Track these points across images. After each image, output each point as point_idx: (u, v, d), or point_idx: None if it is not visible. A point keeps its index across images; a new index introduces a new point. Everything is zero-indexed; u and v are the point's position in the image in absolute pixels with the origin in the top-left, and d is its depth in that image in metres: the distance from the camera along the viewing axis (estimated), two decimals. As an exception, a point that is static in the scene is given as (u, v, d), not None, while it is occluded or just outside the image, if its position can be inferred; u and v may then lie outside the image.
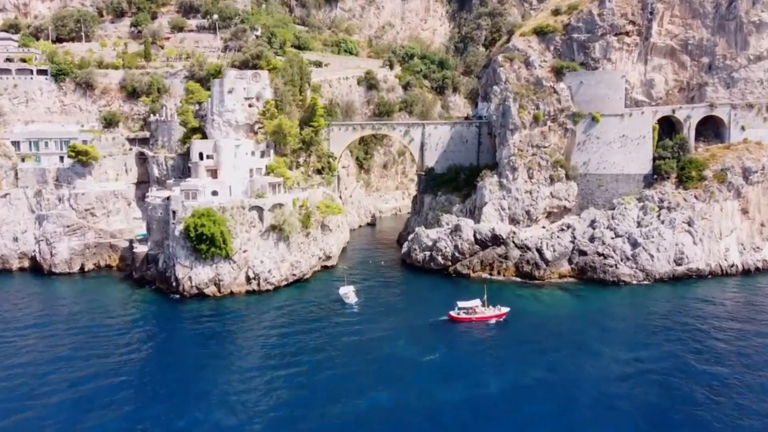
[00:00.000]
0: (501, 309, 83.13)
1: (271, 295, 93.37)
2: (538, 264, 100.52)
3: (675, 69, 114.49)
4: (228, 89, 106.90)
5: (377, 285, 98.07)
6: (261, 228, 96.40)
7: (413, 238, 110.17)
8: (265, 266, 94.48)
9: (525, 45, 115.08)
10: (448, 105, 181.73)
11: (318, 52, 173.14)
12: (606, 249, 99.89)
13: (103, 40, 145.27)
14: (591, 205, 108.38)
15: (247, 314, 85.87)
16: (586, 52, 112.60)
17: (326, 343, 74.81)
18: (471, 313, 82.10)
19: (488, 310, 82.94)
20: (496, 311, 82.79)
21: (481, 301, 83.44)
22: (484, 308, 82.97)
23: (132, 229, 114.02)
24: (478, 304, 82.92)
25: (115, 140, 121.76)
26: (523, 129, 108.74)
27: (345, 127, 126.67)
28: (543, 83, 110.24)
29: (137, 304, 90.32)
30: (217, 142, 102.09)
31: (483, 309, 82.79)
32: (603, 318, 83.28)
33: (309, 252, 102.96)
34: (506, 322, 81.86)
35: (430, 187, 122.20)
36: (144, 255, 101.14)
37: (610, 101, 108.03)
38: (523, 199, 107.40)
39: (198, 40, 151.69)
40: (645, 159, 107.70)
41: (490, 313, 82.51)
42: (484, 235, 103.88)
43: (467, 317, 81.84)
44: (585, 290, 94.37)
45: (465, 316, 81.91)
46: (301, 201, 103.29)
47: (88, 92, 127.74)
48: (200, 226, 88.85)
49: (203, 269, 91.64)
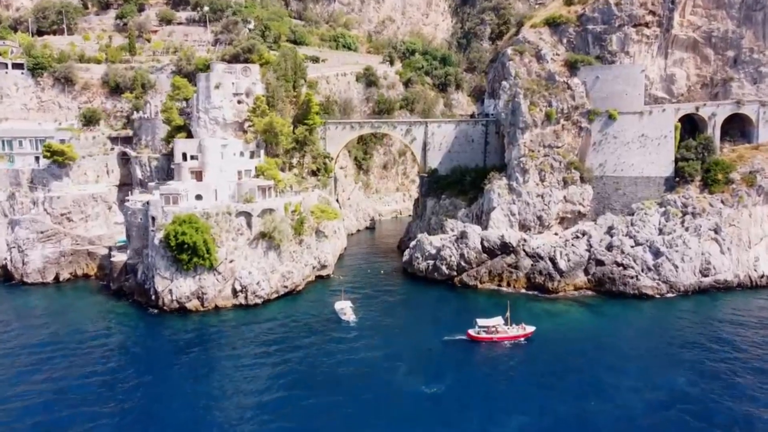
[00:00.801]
0: (525, 328, 74.82)
1: (259, 310, 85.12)
2: (551, 275, 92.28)
3: (697, 63, 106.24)
4: (215, 84, 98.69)
5: (376, 298, 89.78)
6: (249, 236, 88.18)
7: (415, 246, 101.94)
8: (254, 278, 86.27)
9: (536, 37, 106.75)
10: (451, 103, 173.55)
11: (315, 47, 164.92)
12: (625, 259, 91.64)
13: (87, 33, 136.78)
14: (608, 211, 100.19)
15: (232, 333, 77.59)
16: (602, 44, 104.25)
17: (317, 370, 66.47)
18: (492, 332, 73.80)
19: (511, 329, 74.65)
20: (520, 330, 74.49)
21: (503, 318, 75.13)
22: (506, 327, 74.64)
23: (113, 235, 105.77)
24: (500, 322, 74.58)
25: (95, 139, 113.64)
26: (534, 128, 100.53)
27: (342, 126, 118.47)
28: (555, 78, 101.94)
29: (111, 320, 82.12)
30: (202, 142, 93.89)
31: (506, 328, 74.47)
32: (628, 340, 74.60)
33: (302, 261, 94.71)
34: (530, 343, 73.55)
35: (433, 189, 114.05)
36: (122, 264, 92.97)
37: (629, 98, 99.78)
38: (535, 204, 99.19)
39: (187, 34, 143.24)
40: (666, 160, 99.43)
41: (513, 332, 74.24)
42: (493, 243, 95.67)
43: (488, 337, 73.56)
44: (604, 305, 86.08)
45: (485, 336, 73.63)
46: (294, 205, 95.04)
47: (67, 88, 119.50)
48: (181, 234, 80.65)
49: (185, 281, 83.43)
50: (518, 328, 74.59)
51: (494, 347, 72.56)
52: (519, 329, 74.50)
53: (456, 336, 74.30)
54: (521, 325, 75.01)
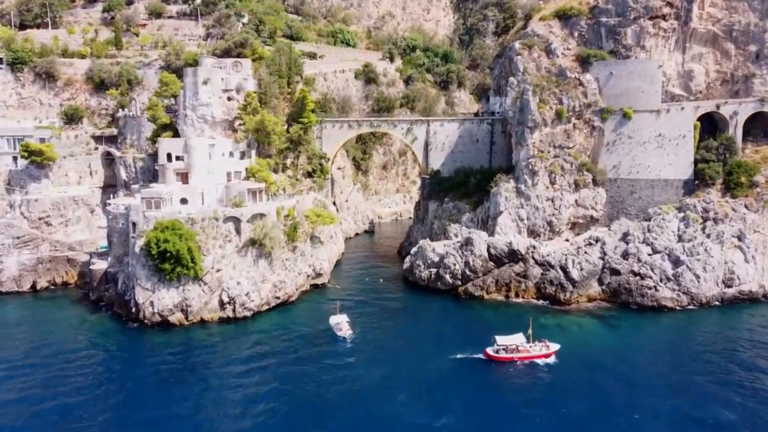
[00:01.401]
0: (549, 346, 68.31)
1: (248, 324, 78.74)
2: (563, 285, 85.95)
3: (717, 58, 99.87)
4: (203, 80, 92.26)
5: (375, 310, 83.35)
6: (238, 243, 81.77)
7: (417, 253, 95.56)
8: (242, 288, 79.86)
9: (545, 30, 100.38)
10: (453, 101, 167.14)
11: (312, 43, 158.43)
12: (643, 268, 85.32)
13: (72, 27, 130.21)
14: (622, 215, 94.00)
15: (218, 350, 71.24)
16: (616, 38, 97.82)
17: (308, 395, 60.11)
18: (513, 351, 67.33)
19: (534, 347, 68.11)
20: (543, 349, 67.97)
21: (524, 335, 68.65)
22: (529, 345, 68.12)
23: (95, 240, 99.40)
24: (521, 340, 68.06)
25: (77, 138, 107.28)
26: (543, 127, 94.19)
27: (340, 125, 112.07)
28: (566, 74, 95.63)
29: (86, 334, 75.82)
30: (188, 141, 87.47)
31: (528, 346, 67.96)
32: (655, 361, 67.85)
33: (295, 270, 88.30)
34: (553, 363, 66.97)
35: (436, 192, 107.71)
36: (103, 273, 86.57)
37: (645, 95, 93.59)
38: (544, 208, 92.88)
39: (178, 28, 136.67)
40: (685, 162, 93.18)
41: (536, 351, 67.74)
42: (500, 250, 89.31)
43: (508, 357, 67.08)
44: (621, 318, 79.72)
45: (505, 356, 67.13)
46: (287, 210, 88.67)
47: (49, 84, 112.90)
48: (163, 241, 74.28)
49: (167, 293, 77.01)
50: (541, 346, 68.12)
51: (513, 369, 65.88)
52: (542, 347, 68.02)
53: (466, 354, 67.76)
54: (544, 343, 68.54)
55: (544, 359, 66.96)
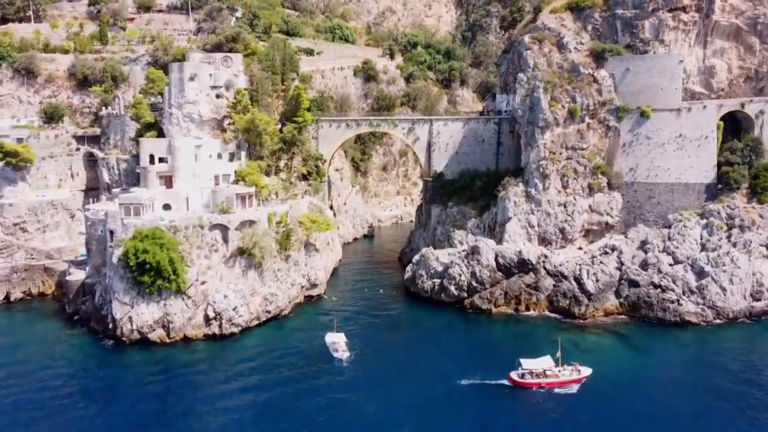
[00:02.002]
0: (580, 370, 61.84)
1: (236, 341, 72.29)
2: (577, 298, 79.52)
3: (741, 54, 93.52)
4: (189, 75, 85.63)
5: (375, 326, 76.86)
6: (225, 252, 75.28)
7: (419, 261, 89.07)
8: (230, 302, 73.34)
9: (557, 23, 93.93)
10: (455, 100, 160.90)
11: (309, 39, 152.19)
12: (664, 279, 78.92)
13: (55, 21, 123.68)
14: (639, 222, 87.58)
15: (202, 371, 64.84)
16: (632, 32, 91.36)
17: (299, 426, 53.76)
18: (540, 376, 60.92)
19: (563, 371, 61.65)
20: (573, 374, 61.53)
21: (552, 358, 62.22)
22: (558, 369, 61.68)
23: (75, 247, 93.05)
24: (550, 364, 61.63)
25: (57, 138, 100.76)
26: (555, 126, 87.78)
27: (337, 124, 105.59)
28: (580, 70, 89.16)
29: (59, 352, 69.46)
30: (171, 142, 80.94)
31: (557, 370, 61.53)
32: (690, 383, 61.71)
33: (288, 281, 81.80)
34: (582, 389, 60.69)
35: (439, 195, 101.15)
36: (80, 284, 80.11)
37: (664, 93, 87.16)
38: (556, 214, 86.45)
39: (168, 22, 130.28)
40: (707, 165, 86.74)
41: (566, 376, 61.30)
42: (509, 260, 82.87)
43: (535, 382, 60.69)
44: (644, 335, 73.22)
45: (532, 381, 60.75)
46: (279, 216, 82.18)
47: (28, 80, 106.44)
48: (142, 251, 67.79)
49: (147, 307, 70.49)
50: (571, 370, 61.63)
51: (541, 396, 59.42)
52: (572, 371, 61.54)
53: (477, 379, 61.22)
54: (574, 366, 62.02)
55: (575, 384, 60.54)
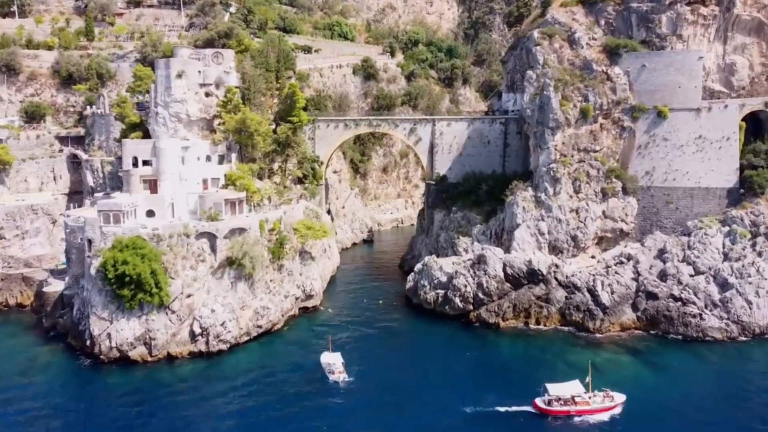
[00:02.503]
0: (613, 397, 56.31)
1: (224, 359, 66.92)
2: (591, 311, 74.12)
3: (763, 50, 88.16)
4: (177, 72, 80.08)
5: (374, 341, 71.49)
6: (213, 263, 69.90)
7: (422, 271, 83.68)
8: (217, 317, 67.88)
9: (568, 17, 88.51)
10: (458, 99, 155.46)
11: (307, 36, 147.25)
12: (684, 291, 73.57)
13: (40, 16, 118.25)
14: (656, 229, 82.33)
15: (186, 392, 59.64)
16: (648, 26, 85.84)
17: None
18: (569, 403, 55.48)
19: (594, 397, 56.16)
20: (606, 401, 56.02)
21: (582, 383, 56.81)
22: (588, 395, 56.21)
23: (56, 255, 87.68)
24: (579, 389, 56.21)
25: (39, 139, 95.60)
26: (566, 127, 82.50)
27: (335, 124, 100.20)
28: (592, 67, 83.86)
29: (32, 370, 64.17)
30: (156, 143, 75.50)
31: (587, 397, 56.05)
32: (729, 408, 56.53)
33: (281, 292, 76.40)
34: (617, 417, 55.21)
35: (442, 200, 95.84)
36: (58, 295, 74.73)
37: (683, 91, 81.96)
38: (568, 221, 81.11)
39: (159, 17, 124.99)
40: (729, 168, 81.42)
41: (597, 403, 55.81)
42: (518, 270, 77.47)
43: (563, 410, 55.25)
44: (665, 352, 67.76)
45: (560, 409, 55.32)
46: (272, 223, 76.83)
47: (9, 78, 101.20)
48: (121, 263, 62.41)
49: (128, 323, 65.07)
50: (603, 397, 56.12)
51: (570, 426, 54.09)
52: (604, 398, 56.04)
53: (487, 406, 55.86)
54: (606, 392, 56.50)
55: (608, 413, 55.12)
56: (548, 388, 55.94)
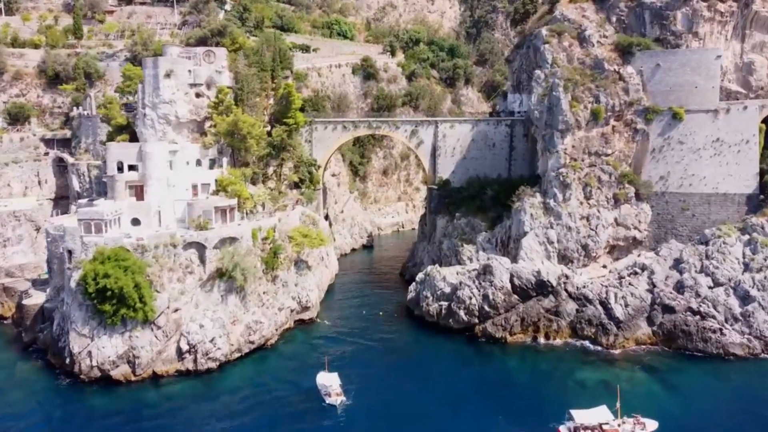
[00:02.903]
0: (645, 424, 51.76)
1: (214, 378, 62.62)
2: (604, 325, 69.84)
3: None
4: (165, 72, 75.77)
5: (373, 357, 67.27)
6: (202, 275, 65.61)
7: (424, 281, 79.45)
8: (206, 333, 63.59)
9: (577, 14, 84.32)
10: (460, 99, 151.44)
11: (305, 35, 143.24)
12: (703, 304, 69.31)
13: (28, 13, 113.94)
14: (671, 237, 78.14)
15: (172, 415, 55.33)
16: (662, 23, 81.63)
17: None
18: (596, 431, 51.03)
19: (625, 425, 51.50)
20: (636, 428, 51.47)
21: (610, 409, 52.28)
22: (617, 422, 51.59)
23: (40, 263, 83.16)
24: (607, 416, 51.61)
25: (23, 141, 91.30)
26: (577, 130, 78.34)
27: (333, 126, 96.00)
28: (604, 66, 79.70)
29: (6, 389, 59.95)
30: (143, 147, 71.22)
31: (616, 424, 51.43)
32: None
33: (275, 305, 72.10)
34: None
35: (445, 205, 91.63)
36: (38, 308, 70.45)
37: (699, 92, 77.80)
38: (578, 229, 76.89)
39: (151, 15, 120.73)
40: (749, 173, 77.29)
41: (627, 431, 51.33)
42: (525, 281, 73.18)
43: None
44: (685, 370, 63.55)
45: None
46: (266, 231, 72.57)
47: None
48: (102, 276, 58.16)
49: (110, 340, 60.79)
50: (634, 424, 51.53)
51: None
52: (635, 425, 51.46)
53: None
54: (636, 419, 51.96)
55: None
56: (573, 415, 51.35)
